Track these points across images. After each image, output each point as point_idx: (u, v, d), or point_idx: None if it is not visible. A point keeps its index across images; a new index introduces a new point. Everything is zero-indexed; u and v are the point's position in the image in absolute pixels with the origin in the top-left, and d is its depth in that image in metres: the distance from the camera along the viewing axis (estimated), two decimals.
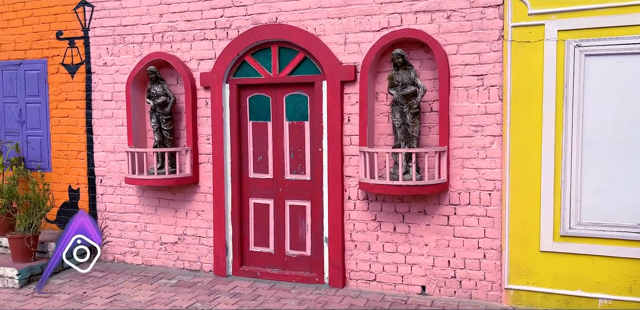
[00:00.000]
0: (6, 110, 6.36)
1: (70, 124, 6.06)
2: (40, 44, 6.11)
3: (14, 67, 6.26)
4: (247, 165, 5.36)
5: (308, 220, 5.14)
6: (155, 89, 5.45)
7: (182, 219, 5.60)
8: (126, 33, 5.68)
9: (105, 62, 5.83)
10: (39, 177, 5.72)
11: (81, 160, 6.04)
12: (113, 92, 5.82)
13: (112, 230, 5.94)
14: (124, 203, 5.87)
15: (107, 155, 5.91)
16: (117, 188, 5.89)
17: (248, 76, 5.22)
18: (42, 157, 6.22)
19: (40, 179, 5.56)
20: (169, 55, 5.44)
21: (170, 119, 5.49)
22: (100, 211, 5.99)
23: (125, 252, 5.89)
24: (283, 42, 5.01)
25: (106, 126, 5.89)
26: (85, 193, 6.05)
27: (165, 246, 5.69)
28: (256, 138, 5.31)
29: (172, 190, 5.62)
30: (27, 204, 5.49)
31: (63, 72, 6.04)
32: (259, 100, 5.26)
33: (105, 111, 5.88)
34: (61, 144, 6.13)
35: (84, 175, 6.04)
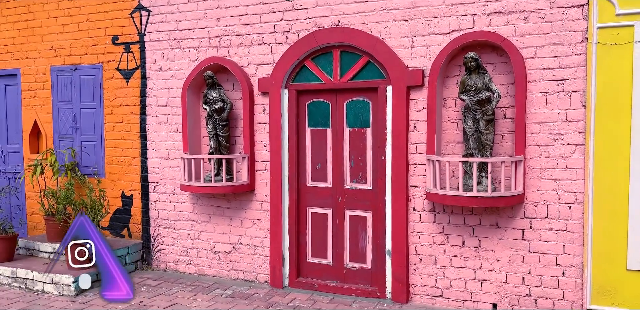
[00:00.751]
0: (61, 115, 6.37)
1: (124, 130, 6.02)
2: (96, 49, 6.10)
3: (69, 72, 6.27)
4: (305, 173, 5.19)
5: (369, 231, 4.93)
6: (212, 94, 5.35)
7: (237, 228, 5.47)
8: (182, 37, 5.61)
9: (160, 67, 5.77)
10: (95, 183, 5.69)
11: (135, 166, 5.99)
12: (168, 98, 5.76)
13: (165, 238, 5.86)
14: (177, 210, 5.78)
15: (161, 161, 5.84)
16: (170, 195, 5.81)
17: (307, 81, 5.05)
18: (96, 163, 6.20)
19: (96, 185, 5.52)
20: (226, 60, 5.33)
21: (226, 125, 5.38)
22: (153, 218, 5.92)
23: (177, 261, 5.80)
24: (345, 45, 4.83)
25: (160, 132, 5.82)
26: (138, 200, 5.99)
27: (219, 255, 5.57)
28: (315, 145, 5.14)
29: (227, 198, 5.50)
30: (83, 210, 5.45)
31: (118, 77, 6.01)
32: (318, 106, 5.10)
33: (159, 117, 5.81)
34: (115, 150, 6.10)
35: (137, 181, 5.98)
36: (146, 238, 5.96)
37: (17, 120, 6.72)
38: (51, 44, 6.37)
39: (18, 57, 6.60)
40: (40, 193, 6.09)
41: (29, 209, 6.61)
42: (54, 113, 6.41)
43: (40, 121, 6.50)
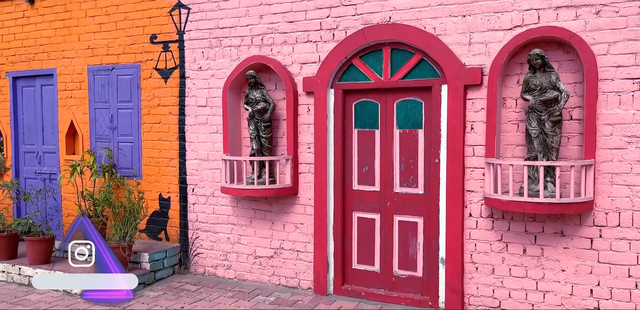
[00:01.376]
0: (97, 115, 6.27)
1: (162, 131, 5.89)
2: (134, 48, 5.98)
3: (106, 72, 6.17)
4: (351, 176, 4.98)
5: (420, 238, 4.69)
6: (254, 94, 5.18)
7: (278, 232, 5.29)
8: (223, 36, 5.45)
9: (200, 66, 5.61)
10: (134, 184, 5.56)
11: (173, 168, 5.85)
12: (208, 98, 5.60)
13: (204, 241, 5.70)
14: (216, 213, 5.62)
15: (200, 163, 5.69)
16: (209, 197, 5.65)
17: (355, 81, 4.84)
18: (133, 164, 6.08)
19: (135, 186, 5.39)
20: (269, 59, 5.15)
21: (269, 126, 5.20)
22: (192, 221, 5.77)
23: (217, 265, 5.64)
24: (397, 43, 4.61)
25: (200, 133, 5.67)
26: (176, 202, 5.85)
27: (260, 260, 5.39)
28: (362, 147, 4.92)
29: (268, 201, 5.31)
30: (121, 212, 5.33)
31: (156, 77, 5.88)
32: (366, 106, 4.88)
33: (199, 117, 5.66)
34: (152, 151, 5.97)
35: (176, 183, 5.84)
36: (184, 241, 5.81)
37: (53, 120, 6.64)
38: (88, 44, 6.27)
39: (54, 56, 6.53)
40: (78, 195, 5.99)
41: (64, 211, 6.52)
42: (91, 113, 6.31)
43: (76, 122, 6.41)
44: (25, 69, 6.76)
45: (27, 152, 6.91)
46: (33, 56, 6.68)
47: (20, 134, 6.93)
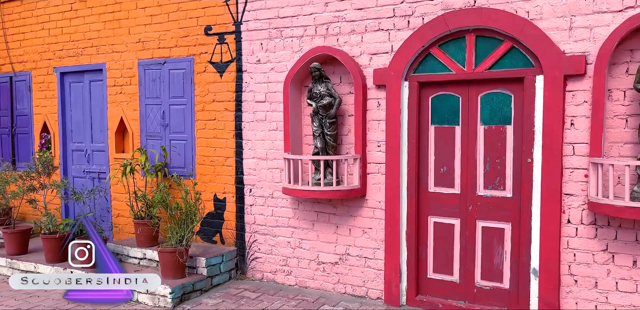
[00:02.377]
0: (148, 112, 6.00)
1: (217, 128, 5.57)
2: (187, 40, 5.67)
3: (158, 66, 5.88)
4: (427, 177, 4.55)
5: (507, 246, 4.24)
6: (319, 88, 4.80)
7: (344, 237, 4.90)
8: (284, 26, 5.08)
9: (258, 59, 5.27)
10: (191, 184, 5.25)
11: (229, 167, 5.53)
12: (267, 93, 5.25)
13: (262, 245, 5.36)
14: (276, 216, 5.28)
15: (258, 162, 5.35)
16: (268, 199, 5.31)
17: (433, 72, 4.41)
18: (186, 163, 5.78)
19: (192, 187, 5.09)
20: (335, 50, 4.76)
21: (334, 123, 4.81)
22: (249, 224, 5.43)
23: (276, 271, 5.29)
24: (482, 29, 4.16)
25: (258, 130, 5.33)
26: (232, 203, 5.53)
27: (324, 266, 5.02)
28: (439, 145, 4.49)
29: (332, 203, 4.94)
30: (177, 214, 5.03)
31: (211, 71, 5.56)
32: (444, 100, 4.45)
33: (257, 114, 5.32)
34: (207, 150, 5.66)
35: (232, 183, 5.52)
36: (240, 245, 5.49)
37: (102, 117, 6.41)
38: (139, 37, 6.00)
39: (103, 51, 6.28)
40: (130, 195, 5.73)
41: (114, 211, 6.29)
42: (141, 110, 6.04)
43: (126, 118, 6.15)
44: (73, 64, 6.55)
45: (75, 150, 6.70)
46: (81, 51, 6.46)
47: (68, 132, 6.73)
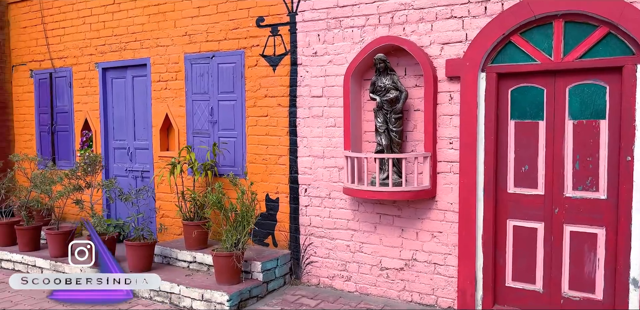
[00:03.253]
0: (195, 108, 5.73)
1: (269, 124, 5.28)
2: (237, 33, 5.39)
3: (206, 60, 5.61)
4: (506, 177, 4.19)
5: (600, 252, 3.86)
6: (383, 81, 4.47)
7: (410, 241, 4.57)
8: (344, 15, 4.76)
9: (315, 51, 4.95)
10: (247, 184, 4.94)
11: (282, 166, 5.23)
12: (324, 87, 4.94)
13: (318, 248, 5.06)
14: (333, 217, 4.97)
15: (314, 160, 5.04)
16: (325, 199, 5.00)
17: (514, 62, 4.04)
18: (236, 162, 5.51)
19: (248, 187, 4.80)
20: (402, 40, 4.43)
21: (400, 118, 4.48)
22: (304, 226, 5.13)
23: (333, 276, 4.98)
24: (573, 14, 3.77)
25: (314, 127, 5.02)
26: (285, 204, 5.23)
27: (387, 272, 4.69)
28: (520, 142, 4.12)
29: (397, 204, 4.60)
30: (232, 215, 4.75)
31: (263, 65, 5.27)
32: (526, 92, 4.08)
33: (313, 109, 5.01)
34: (258, 147, 5.37)
35: (285, 183, 5.22)
36: (295, 248, 5.19)
37: (145, 114, 6.18)
38: (185, 30, 5.74)
39: (148, 45, 6.04)
40: (178, 195, 5.48)
41: (158, 212, 6.04)
42: (188, 106, 5.78)
43: (172, 115, 5.90)
44: (115, 59, 6.33)
45: (117, 148, 6.49)
46: (124, 45, 6.23)
47: (109, 129, 6.52)
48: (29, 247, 5.89)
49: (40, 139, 7.12)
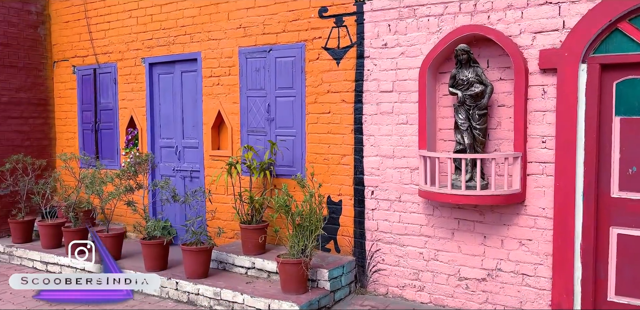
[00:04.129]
0: (250, 105, 5.42)
1: (332, 122, 4.94)
2: (297, 25, 5.06)
3: (262, 54, 5.29)
4: (609, 179, 3.77)
5: None
6: (465, 74, 4.10)
7: (494, 249, 4.19)
8: (419, 3, 4.39)
9: (385, 43, 4.59)
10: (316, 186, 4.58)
11: (345, 166, 4.89)
12: (395, 81, 4.58)
13: (386, 255, 4.71)
14: (404, 222, 4.60)
15: (382, 160, 4.68)
16: (394, 202, 4.64)
17: (621, 52, 3.63)
18: (294, 162, 5.18)
19: (317, 189, 4.47)
20: (487, 29, 4.04)
21: (484, 115, 4.11)
22: (370, 231, 4.78)
23: (404, 285, 4.63)
24: None
25: (383, 124, 4.66)
26: (349, 207, 4.89)
27: (467, 283, 4.32)
28: (627, 141, 3.71)
29: (479, 209, 4.23)
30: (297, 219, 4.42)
31: (325, 58, 4.93)
32: (635, 85, 3.66)
33: (382, 105, 4.65)
34: (319, 146, 5.03)
35: (349, 184, 4.87)
36: (360, 254, 4.85)
37: (195, 111, 5.89)
38: (239, 22, 5.42)
39: (199, 39, 5.74)
40: (235, 196, 5.17)
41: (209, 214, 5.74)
42: (242, 103, 5.47)
43: (224, 112, 5.60)
44: (163, 54, 6.04)
45: (164, 147, 6.21)
46: (173, 39, 5.95)
47: (156, 127, 6.25)
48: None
49: (83, 137, 6.88)
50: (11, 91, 6.73)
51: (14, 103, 6.75)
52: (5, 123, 6.66)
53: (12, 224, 6.20)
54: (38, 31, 7.03)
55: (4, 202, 6.61)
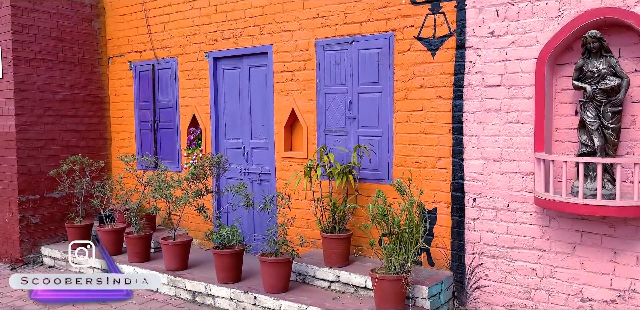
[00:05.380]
0: (328, 102, 4.96)
1: (425, 120, 4.44)
2: (384, 12, 4.56)
3: (343, 46, 4.82)
4: None
5: None
6: (596, 65, 3.55)
7: (627, 267, 3.63)
8: None
9: (492, 31, 4.07)
10: (416, 193, 4.09)
11: (441, 170, 4.38)
12: (504, 74, 4.05)
13: (491, 271, 4.19)
14: (513, 234, 4.08)
15: (487, 164, 4.16)
16: (501, 212, 4.12)
17: None
18: (380, 165, 4.70)
19: (418, 196, 3.98)
20: (625, 12, 3.48)
21: (618, 113, 3.55)
22: (471, 243, 4.27)
23: (512, 304, 4.10)
24: None
25: (488, 123, 4.14)
26: (445, 216, 4.39)
27: (592, 304, 3.77)
28: None
29: (607, 221, 3.67)
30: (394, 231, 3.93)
31: (418, 49, 4.43)
32: None
33: (487, 101, 4.13)
34: (409, 148, 4.54)
35: (446, 191, 4.37)
36: (458, 269, 4.34)
37: (264, 109, 5.45)
38: (316, 11, 4.96)
39: (269, 30, 5.30)
40: (315, 203, 4.72)
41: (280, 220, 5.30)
42: (319, 100, 5.01)
43: (299, 110, 5.15)
44: (229, 47, 5.63)
45: (230, 148, 5.80)
46: (240, 32, 5.52)
47: (221, 126, 5.84)
48: (140, 257, 5.29)
49: (141, 137, 6.53)
50: (65, 88, 6.42)
51: (68, 101, 6.44)
52: (61, 122, 6.36)
53: (69, 229, 5.89)
54: (92, 25, 6.70)
55: (60, 205, 6.31)
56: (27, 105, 6.02)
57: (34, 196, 6.06)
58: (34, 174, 6.07)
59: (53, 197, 6.23)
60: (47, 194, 6.17)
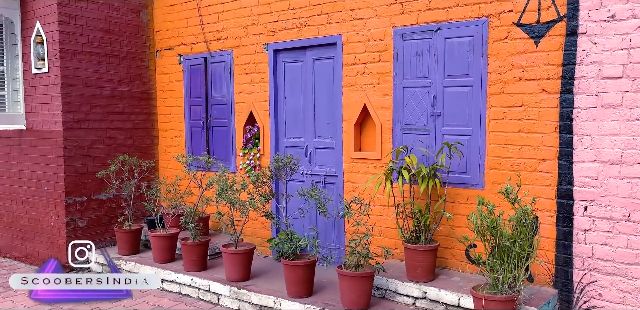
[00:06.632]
0: (407, 97, 4.47)
1: (526, 117, 3.92)
2: None
3: (426, 34, 4.33)
4: None
5: None
6: None
7: None
8: None
9: (612, 14, 3.53)
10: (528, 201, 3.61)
11: (545, 174, 3.86)
12: (626, 64, 3.51)
13: (605, 290, 3.66)
14: (635, 248, 3.54)
15: (602, 168, 3.63)
16: (620, 222, 3.58)
17: None
18: (468, 167, 4.20)
19: (530, 204, 3.49)
20: None
21: None
22: (581, 257, 3.75)
23: None
24: None
25: (605, 120, 3.61)
26: (549, 225, 3.87)
27: None
28: None
29: None
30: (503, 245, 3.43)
31: (518, 37, 3.91)
32: None
33: (604, 96, 3.60)
34: (505, 149, 4.03)
35: (550, 197, 3.85)
36: (564, 286, 3.82)
37: (331, 106, 4.99)
38: None
39: (338, 19, 4.84)
40: (397, 210, 4.25)
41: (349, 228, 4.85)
42: (396, 95, 4.53)
43: (372, 107, 4.67)
44: (292, 38, 5.18)
45: (291, 147, 5.36)
46: (305, 21, 5.07)
47: (280, 124, 5.40)
48: (197, 266, 4.89)
49: (191, 136, 6.13)
50: (113, 83, 6.06)
51: (116, 97, 6.08)
52: (108, 119, 6.00)
53: (118, 234, 5.52)
54: (140, 16, 6.33)
55: (107, 208, 5.96)
56: (74, 102, 5.66)
57: (80, 198, 5.72)
58: (81, 175, 5.71)
59: (100, 199, 5.88)
60: (94, 196, 5.82)
